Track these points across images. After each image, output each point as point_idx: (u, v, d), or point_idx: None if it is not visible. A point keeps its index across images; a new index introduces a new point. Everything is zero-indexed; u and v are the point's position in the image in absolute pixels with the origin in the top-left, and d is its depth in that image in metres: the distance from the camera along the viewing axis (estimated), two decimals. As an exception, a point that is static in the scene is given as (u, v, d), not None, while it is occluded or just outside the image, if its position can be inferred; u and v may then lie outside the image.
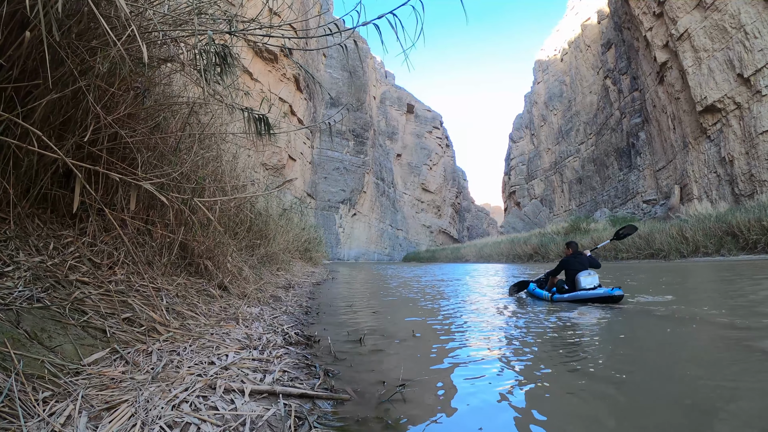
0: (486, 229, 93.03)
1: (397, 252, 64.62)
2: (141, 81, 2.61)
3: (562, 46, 56.85)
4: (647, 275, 10.41)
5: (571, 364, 2.51)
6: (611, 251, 22.54)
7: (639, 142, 35.83)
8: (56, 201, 2.53)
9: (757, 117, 21.28)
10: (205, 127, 3.95)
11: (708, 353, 2.80)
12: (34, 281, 1.89)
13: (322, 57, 52.29)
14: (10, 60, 2.00)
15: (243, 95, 4.64)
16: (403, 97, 76.26)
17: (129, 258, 2.62)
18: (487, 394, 2.01)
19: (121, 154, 2.73)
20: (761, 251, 15.53)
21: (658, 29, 27.90)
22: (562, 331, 3.56)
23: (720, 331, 3.30)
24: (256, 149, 7.57)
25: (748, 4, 21.94)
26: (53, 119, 2.30)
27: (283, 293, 5.50)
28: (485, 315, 4.70)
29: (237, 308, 3.38)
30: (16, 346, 1.45)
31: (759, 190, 20.88)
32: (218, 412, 1.51)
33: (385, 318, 4.61)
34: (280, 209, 10.11)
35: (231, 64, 2.93)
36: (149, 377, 1.67)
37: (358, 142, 56.25)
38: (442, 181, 77.07)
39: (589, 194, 45.08)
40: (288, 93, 37.00)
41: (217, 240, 3.91)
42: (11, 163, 2.10)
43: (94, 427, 1.28)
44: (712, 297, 5.79)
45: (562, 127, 53.60)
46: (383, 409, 1.79)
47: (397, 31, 2.23)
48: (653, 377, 2.22)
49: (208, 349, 2.20)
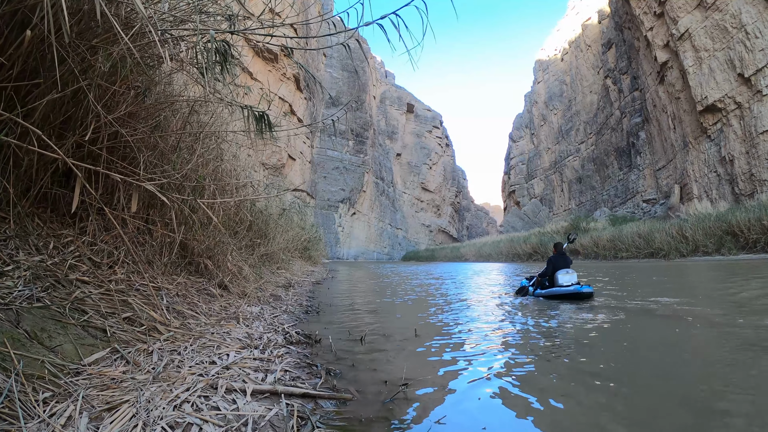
0: (485, 228, 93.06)
1: (397, 251, 64.63)
2: (141, 80, 2.60)
3: (562, 46, 56.80)
4: (644, 274, 10.41)
5: (572, 363, 2.50)
6: (611, 251, 22.55)
7: (639, 142, 35.82)
8: (56, 200, 2.52)
9: (757, 117, 21.26)
10: (205, 126, 3.94)
11: (707, 353, 2.79)
12: (34, 280, 1.88)
13: (323, 57, 52.25)
14: (10, 59, 1.98)
15: (243, 93, 4.62)
16: (403, 97, 76.21)
17: (129, 257, 2.61)
18: (490, 394, 2.01)
19: (122, 153, 2.72)
20: (761, 251, 15.52)
21: (658, 29, 27.87)
22: (563, 331, 3.56)
23: (719, 331, 3.30)
24: (255, 148, 7.56)
25: (749, 4, 21.92)
26: (53, 118, 2.29)
27: (283, 292, 5.49)
28: (486, 314, 4.69)
29: (237, 307, 3.37)
30: (16, 346, 1.44)
31: (759, 190, 20.86)
32: (220, 412, 1.50)
33: (385, 317, 4.60)
34: (280, 209, 10.10)
35: (231, 62, 2.92)
36: (150, 377, 1.66)
37: (358, 141, 56.22)
38: (442, 181, 77.05)
39: (588, 194, 45.06)
40: (288, 92, 36.96)
41: (217, 239, 3.90)
42: (11, 163, 2.09)
43: (95, 427, 1.27)
44: (711, 297, 5.78)
45: (562, 126, 53.58)
46: (387, 408, 1.79)
47: (400, 30, 2.22)
48: (654, 377, 2.22)
49: (209, 348, 2.19)
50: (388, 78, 79.07)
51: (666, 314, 4.13)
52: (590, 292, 5.39)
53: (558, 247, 6.34)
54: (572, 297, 5.47)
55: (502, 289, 7.82)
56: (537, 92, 62.59)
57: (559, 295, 5.62)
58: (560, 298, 5.61)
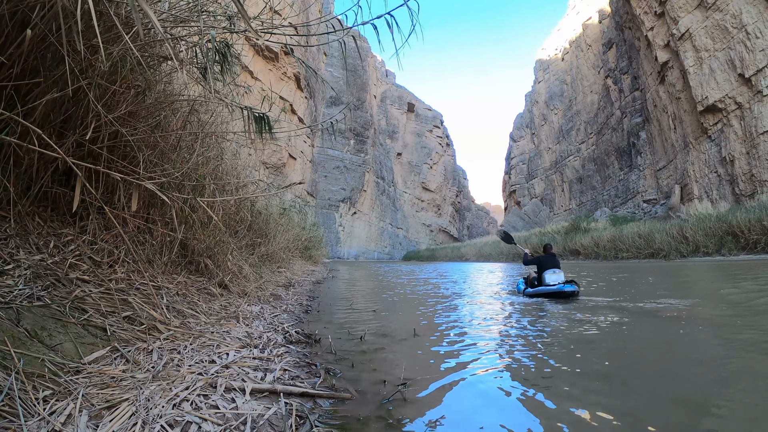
0: (486, 228, 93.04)
1: (397, 251, 64.63)
2: (142, 79, 2.61)
3: (563, 46, 56.74)
4: (644, 275, 10.41)
5: (572, 362, 2.51)
6: (611, 251, 22.53)
7: (640, 142, 35.79)
8: (57, 199, 2.53)
9: (758, 117, 21.24)
10: (205, 125, 3.94)
11: (707, 353, 2.80)
12: (34, 279, 1.88)
13: (323, 56, 52.23)
14: (11, 58, 1.99)
15: (243, 93, 4.63)
16: (404, 96, 76.17)
17: (129, 256, 2.61)
18: (488, 393, 2.01)
19: (122, 152, 2.72)
20: (761, 251, 15.52)
21: (659, 29, 27.84)
22: (563, 331, 3.56)
23: (719, 331, 3.30)
24: (256, 148, 7.57)
25: (750, 4, 21.89)
26: (54, 117, 2.29)
27: (283, 292, 5.50)
28: (485, 314, 4.70)
29: (237, 307, 3.37)
30: (16, 344, 1.45)
31: (759, 190, 20.85)
32: (219, 410, 1.50)
33: (385, 317, 4.61)
34: (281, 209, 10.10)
35: (230, 62, 2.92)
36: (150, 376, 1.67)
37: (359, 140, 56.22)
38: (443, 180, 77.02)
39: (589, 194, 45.04)
40: (288, 92, 36.98)
41: (217, 238, 3.91)
42: (12, 162, 2.10)
43: (95, 426, 1.28)
44: (711, 297, 5.78)
45: (563, 126, 53.53)
46: (385, 408, 1.79)
47: (393, 31, 2.25)
48: (653, 377, 2.22)
49: (208, 347, 2.19)
50: (388, 77, 79.00)
51: (666, 314, 4.13)
52: (573, 290, 5.62)
53: (547, 248, 6.61)
54: (556, 295, 5.72)
55: (502, 289, 7.83)
56: (537, 92, 62.55)
57: (544, 293, 5.88)
58: (546, 296, 5.86)
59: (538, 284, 6.17)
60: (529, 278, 6.58)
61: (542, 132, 59.65)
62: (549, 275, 5.99)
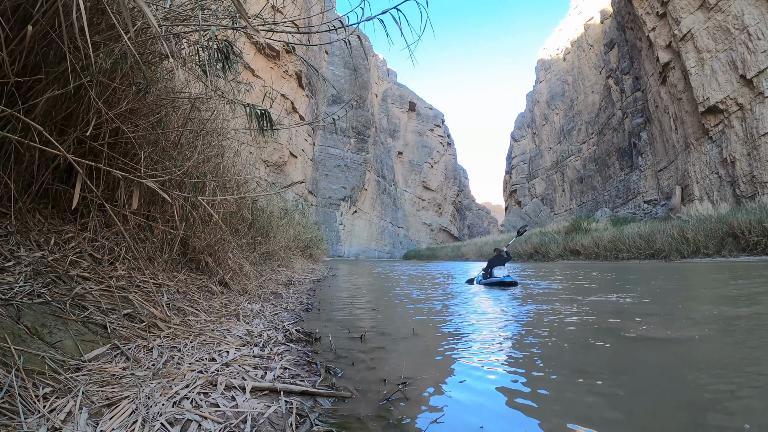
0: (487, 227, 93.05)
1: (398, 250, 64.63)
2: (142, 76, 2.60)
3: (564, 46, 56.67)
4: (644, 275, 10.40)
5: (572, 362, 2.50)
6: (611, 252, 22.53)
7: (641, 142, 35.75)
8: (57, 196, 2.53)
9: (759, 118, 21.22)
10: (206, 122, 3.93)
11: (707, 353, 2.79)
12: (34, 276, 1.88)
13: (324, 54, 52.19)
14: (12, 54, 1.98)
15: (245, 90, 4.62)
16: (405, 95, 76.12)
17: (130, 254, 2.61)
18: (488, 393, 2.01)
19: (123, 149, 2.72)
20: (762, 252, 15.51)
21: (661, 29, 27.80)
22: (563, 331, 3.56)
23: (718, 331, 3.29)
24: (257, 146, 7.56)
25: (752, 6, 21.85)
26: (55, 114, 2.29)
27: (283, 290, 5.50)
28: (485, 313, 4.70)
29: (238, 305, 3.37)
30: (16, 341, 1.45)
31: (760, 192, 20.83)
32: (219, 409, 1.50)
33: (385, 315, 4.61)
34: (282, 209, 10.10)
35: (233, 60, 2.91)
36: (150, 373, 1.67)
37: (360, 139, 56.20)
38: (443, 180, 77.00)
39: (590, 194, 45.01)
40: (290, 90, 36.96)
41: (218, 236, 3.90)
42: (12, 159, 2.09)
43: (95, 423, 1.28)
44: (711, 296, 5.78)
45: (564, 126, 53.49)
46: (385, 407, 1.79)
47: (401, 26, 2.22)
48: (654, 377, 2.22)
49: (209, 345, 2.19)
50: (390, 76, 78.92)
51: (665, 314, 4.13)
52: (512, 281, 7.84)
53: (497, 251, 8.74)
54: (500, 284, 7.85)
55: (502, 289, 7.83)
56: (539, 92, 62.50)
57: (491, 282, 8.04)
58: (493, 285, 7.95)
59: (489, 276, 8.30)
60: (487, 272, 8.63)
61: (543, 132, 59.60)
62: (497, 270, 8.19)
